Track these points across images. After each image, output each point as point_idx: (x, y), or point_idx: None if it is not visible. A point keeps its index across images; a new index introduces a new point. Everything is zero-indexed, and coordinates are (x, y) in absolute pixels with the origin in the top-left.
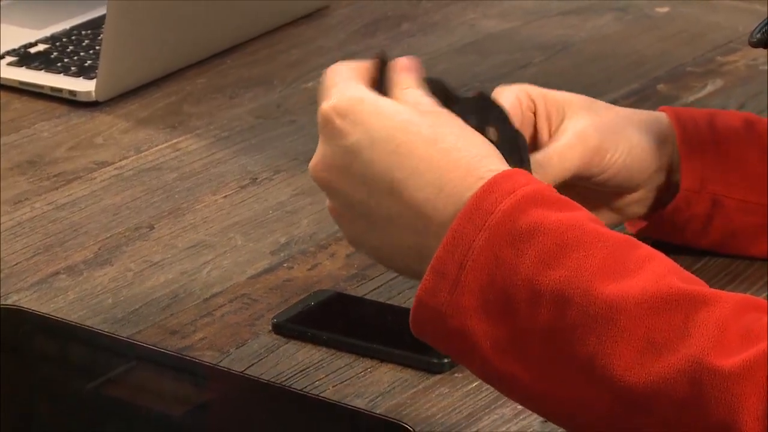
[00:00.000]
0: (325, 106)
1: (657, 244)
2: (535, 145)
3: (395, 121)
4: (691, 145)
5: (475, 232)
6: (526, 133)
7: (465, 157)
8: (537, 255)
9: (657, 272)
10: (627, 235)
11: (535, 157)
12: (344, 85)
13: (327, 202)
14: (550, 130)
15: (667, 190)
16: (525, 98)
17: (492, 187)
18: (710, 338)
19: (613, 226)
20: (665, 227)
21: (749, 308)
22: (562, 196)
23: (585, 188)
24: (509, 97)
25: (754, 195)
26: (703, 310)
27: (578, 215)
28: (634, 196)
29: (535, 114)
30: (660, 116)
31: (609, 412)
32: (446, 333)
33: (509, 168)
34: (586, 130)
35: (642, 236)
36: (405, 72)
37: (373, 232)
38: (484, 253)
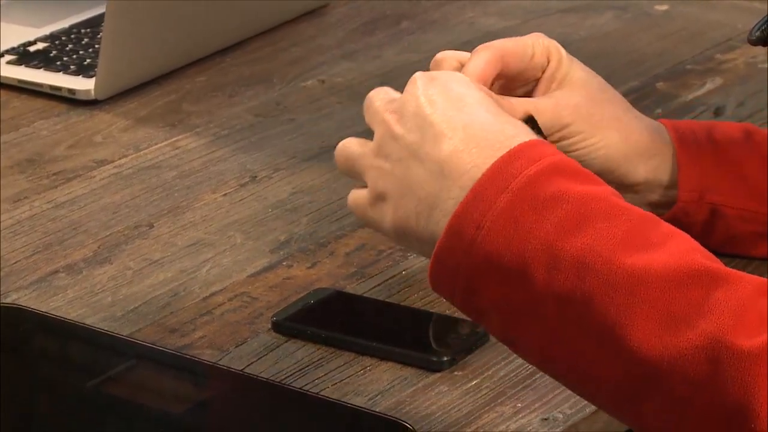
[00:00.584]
0: (377, 104)
1: None
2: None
3: (471, 88)
4: (689, 155)
5: (497, 194)
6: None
7: (504, 129)
8: (559, 222)
9: (680, 248)
10: (649, 213)
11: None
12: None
13: (373, 191)
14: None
15: (664, 206)
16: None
17: (519, 152)
18: (730, 317)
19: None
20: None
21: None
22: (588, 171)
23: None
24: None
25: (754, 203)
26: (724, 287)
27: (603, 189)
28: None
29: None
30: (660, 127)
31: (620, 384)
32: (462, 293)
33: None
34: (588, 87)
35: None
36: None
37: (396, 177)
38: (504, 215)
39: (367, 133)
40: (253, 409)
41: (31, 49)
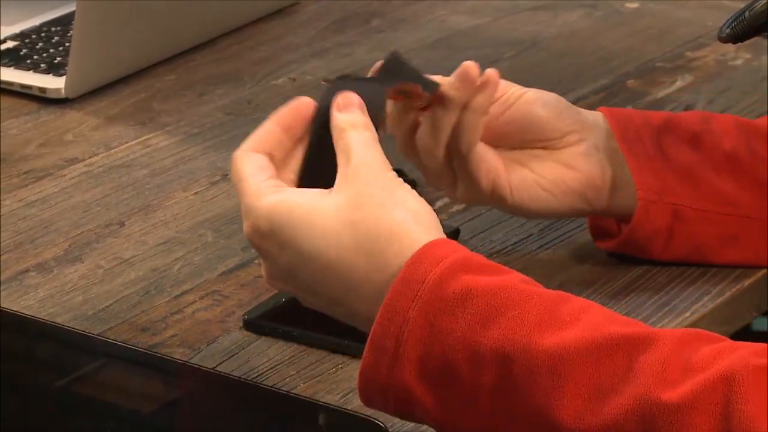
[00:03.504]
0: (246, 228)
1: (626, 259)
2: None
3: (316, 235)
4: (637, 158)
5: (408, 303)
6: None
7: (392, 248)
8: (472, 317)
9: (593, 321)
10: (559, 291)
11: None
12: (253, 192)
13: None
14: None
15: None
16: None
17: (420, 258)
18: (654, 375)
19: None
20: (630, 246)
21: (690, 341)
22: (491, 262)
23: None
24: None
25: (712, 205)
26: (643, 350)
27: (508, 278)
28: (575, 149)
29: None
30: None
31: None
32: (394, 405)
33: (436, 237)
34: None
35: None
36: (346, 112)
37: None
38: (419, 323)
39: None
40: (224, 408)
41: (1, 47)
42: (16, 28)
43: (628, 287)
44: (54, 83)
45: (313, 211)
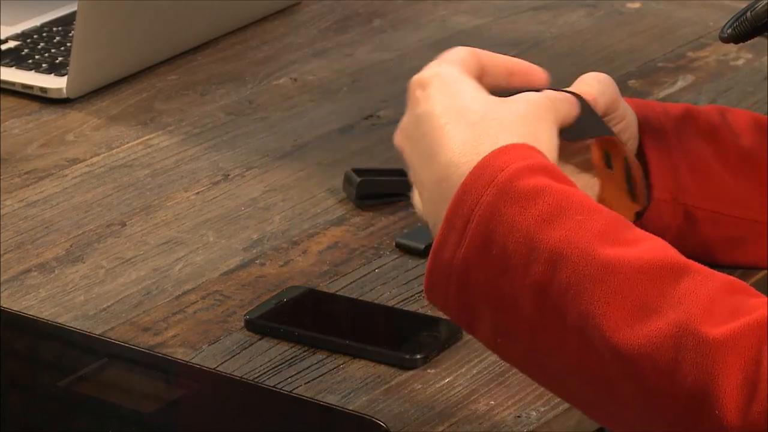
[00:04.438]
0: (415, 77)
1: None
2: None
3: (456, 101)
4: (658, 146)
5: (484, 187)
6: None
7: (494, 130)
8: (539, 213)
9: (654, 245)
10: (627, 220)
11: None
12: (442, 62)
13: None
14: None
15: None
16: None
17: (506, 149)
18: (700, 307)
19: None
20: None
21: (737, 289)
22: (569, 178)
23: None
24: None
25: (721, 206)
26: (694, 279)
27: (582, 192)
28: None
29: None
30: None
31: (594, 375)
32: (456, 288)
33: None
34: None
35: None
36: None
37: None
38: (490, 208)
39: (339, 132)
40: (225, 408)
41: (3, 47)
42: (18, 28)
43: None
44: (55, 83)
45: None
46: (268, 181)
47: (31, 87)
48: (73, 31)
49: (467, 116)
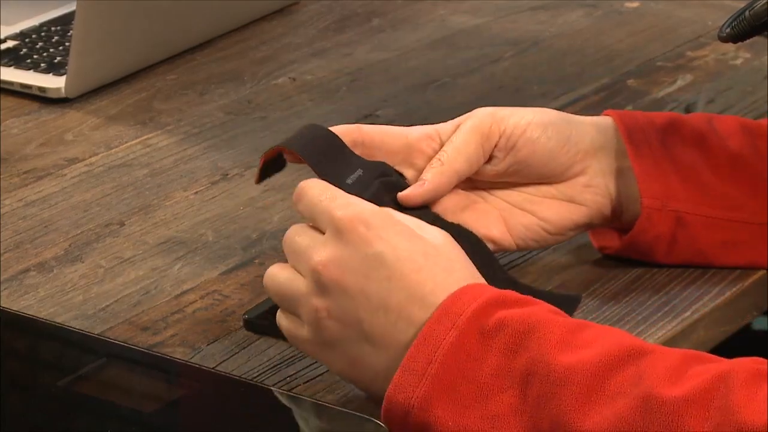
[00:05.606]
0: (347, 213)
1: (626, 259)
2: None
3: (419, 245)
4: (643, 159)
5: (446, 331)
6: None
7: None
8: (503, 346)
9: (610, 339)
10: (584, 320)
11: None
12: (349, 198)
13: (311, 300)
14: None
15: (622, 192)
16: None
17: (461, 294)
18: (659, 377)
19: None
20: (632, 251)
21: (694, 358)
22: (524, 296)
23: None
24: None
25: (714, 210)
26: (652, 357)
27: (537, 308)
28: (580, 180)
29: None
30: (604, 118)
31: None
32: (416, 425)
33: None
34: (484, 119)
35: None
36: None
37: (353, 343)
38: (453, 349)
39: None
40: (224, 408)
41: (2, 47)
42: (16, 28)
43: (628, 287)
44: (54, 83)
45: (420, 227)
46: (266, 180)
47: (29, 87)
48: (71, 31)
49: (425, 260)
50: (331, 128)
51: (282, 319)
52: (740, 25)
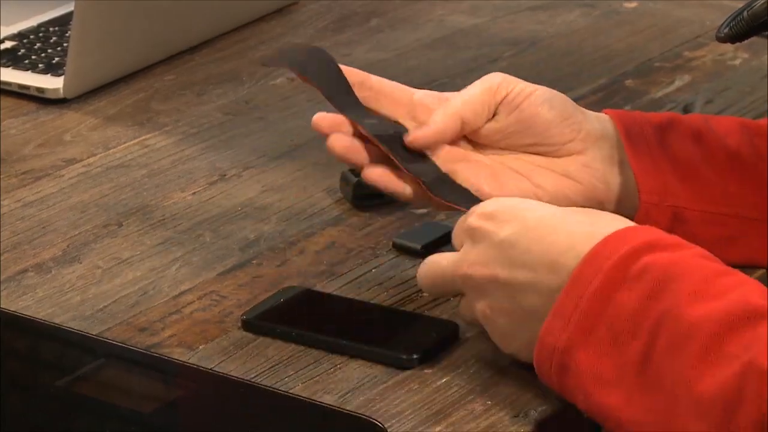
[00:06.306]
0: (468, 219)
1: None
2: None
3: (540, 211)
4: (641, 157)
5: (593, 275)
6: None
7: (600, 224)
8: (643, 292)
9: (740, 294)
10: (728, 267)
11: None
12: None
13: (475, 305)
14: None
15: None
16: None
17: (614, 237)
18: (765, 345)
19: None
20: None
21: None
22: (677, 238)
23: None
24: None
25: (713, 205)
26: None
27: (686, 253)
28: (579, 159)
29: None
30: (602, 115)
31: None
32: (557, 368)
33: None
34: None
35: None
36: None
37: (523, 325)
38: (598, 294)
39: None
40: (222, 408)
41: (0, 47)
42: (14, 29)
43: None
44: (52, 83)
45: (533, 202)
46: (264, 181)
47: (28, 87)
48: (69, 31)
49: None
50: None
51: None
52: (738, 25)
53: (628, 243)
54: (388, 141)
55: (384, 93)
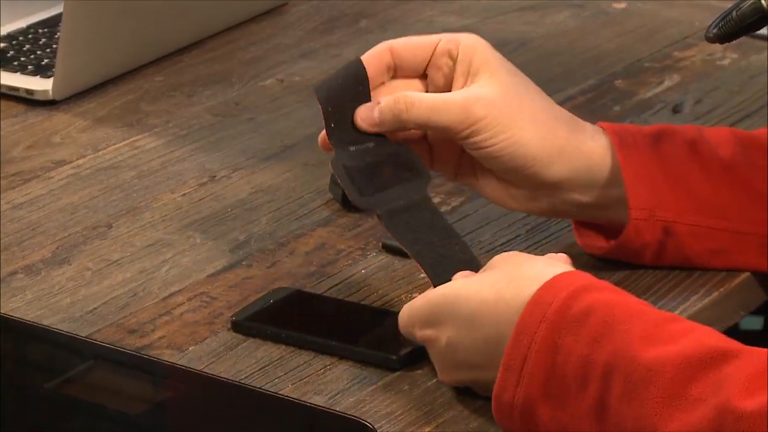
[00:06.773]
0: (412, 330)
1: (613, 260)
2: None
3: (472, 302)
4: (634, 167)
5: (536, 324)
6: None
7: (527, 280)
8: (589, 334)
9: (695, 337)
10: (672, 314)
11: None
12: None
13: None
14: (466, 77)
15: (603, 207)
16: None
17: (551, 283)
18: (738, 386)
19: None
20: (618, 255)
21: None
22: (614, 286)
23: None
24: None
25: (704, 219)
26: (736, 363)
27: (627, 297)
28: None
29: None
30: (595, 130)
31: None
32: (520, 423)
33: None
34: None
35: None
36: None
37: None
38: (546, 342)
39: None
40: (212, 409)
41: None
42: (3, 30)
43: None
44: (41, 85)
45: (460, 289)
46: (254, 182)
47: (17, 89)
48: (59, 33)
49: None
50: (364, 55)
51: None
52: (727, 25)
53: (567, 287)
54: (350, 173)
55: (405, 66)
